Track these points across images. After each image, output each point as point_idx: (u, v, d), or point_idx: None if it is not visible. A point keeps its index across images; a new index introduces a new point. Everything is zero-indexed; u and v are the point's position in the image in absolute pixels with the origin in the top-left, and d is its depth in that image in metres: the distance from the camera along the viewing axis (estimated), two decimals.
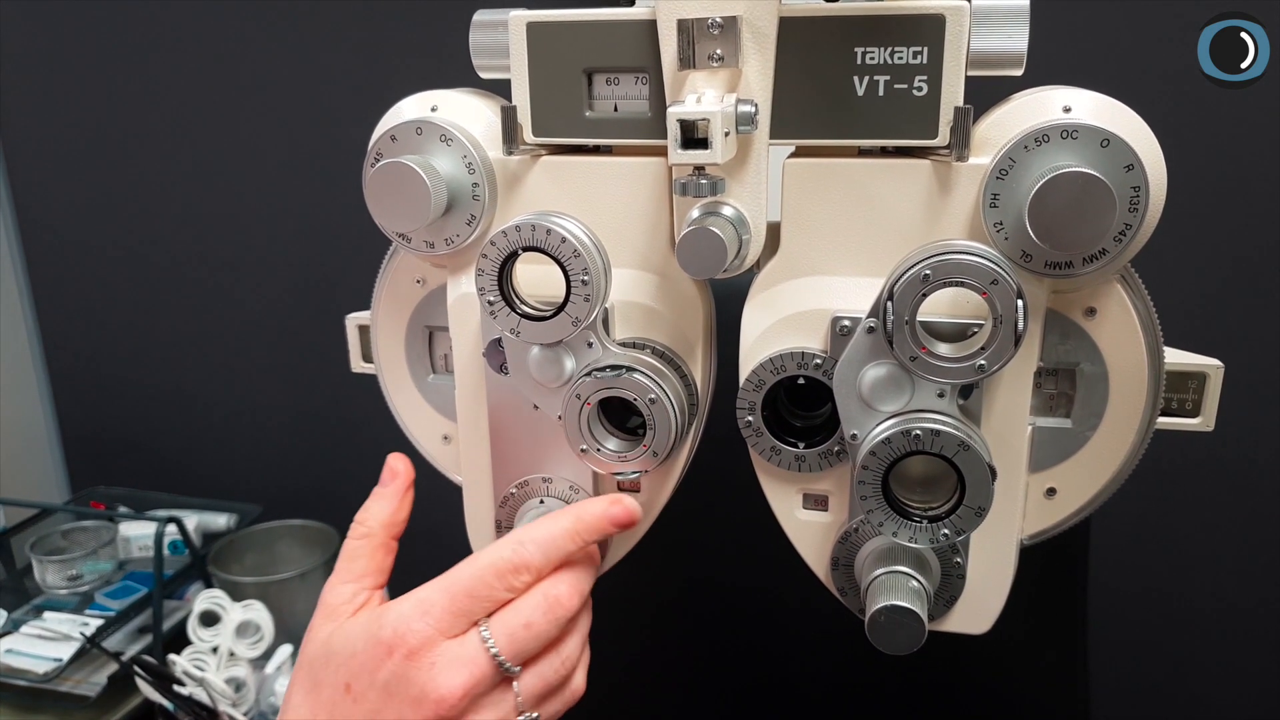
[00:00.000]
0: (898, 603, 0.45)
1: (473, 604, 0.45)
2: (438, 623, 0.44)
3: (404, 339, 0.57)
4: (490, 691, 0.44)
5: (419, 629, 0.44)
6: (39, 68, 1.46)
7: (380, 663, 0.44)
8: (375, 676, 0.44)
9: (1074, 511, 0.50)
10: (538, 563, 0.46)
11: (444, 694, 0.43)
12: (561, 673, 0.47)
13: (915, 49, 0.44)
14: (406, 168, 0.46)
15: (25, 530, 1.40)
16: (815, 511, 0.52)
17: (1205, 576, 1.20)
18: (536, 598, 0.45)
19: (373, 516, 0.51)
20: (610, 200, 0.49)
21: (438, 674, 0.43)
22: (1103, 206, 0.40)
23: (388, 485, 0.52)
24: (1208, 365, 0.49)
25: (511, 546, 0.46)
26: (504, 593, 0.45)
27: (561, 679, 0.47)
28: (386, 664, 0.44)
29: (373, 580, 0.49)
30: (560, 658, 0.47)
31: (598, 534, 0.48)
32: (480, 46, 0.49)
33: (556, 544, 0.47)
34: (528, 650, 0.45)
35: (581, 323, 0.46)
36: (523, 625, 0.45)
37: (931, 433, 0.44)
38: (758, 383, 0.49)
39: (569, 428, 0.49)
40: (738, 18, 0.43)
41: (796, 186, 0.47)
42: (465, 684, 0.43)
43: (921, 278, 0.42)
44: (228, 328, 1.49)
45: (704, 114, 0.41)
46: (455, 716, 0.43)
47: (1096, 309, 0.47)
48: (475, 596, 0.45)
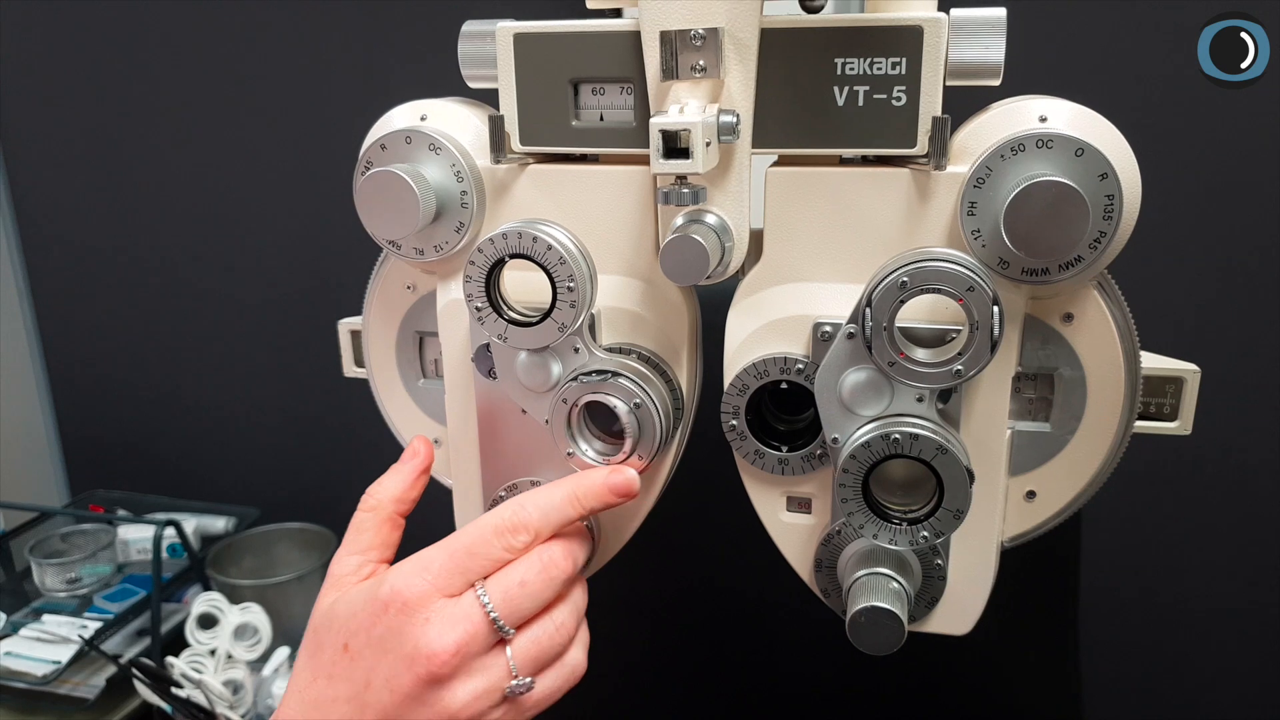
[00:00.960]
0: (877, 604, 0.46)
1: (471, 561, 0.45)
2: (435, 579, 0.44)
3: (395, 344, 0.58)
4: (484, 653, 0.44)
5: (416, 584, 0.44)
6: (39, 75, 1.47)
7: (377, 619, 0.44)
8: (371, 633, 0.44)
9: (1054, 514, 0.51)
10: (536, 524, 0.46)
11: (436, 649, 0.43)
12: (556, 639, 0.47)
13: (894, 60, 0.44)
14: (396, 176, 0.47)
15: (24, 533, 1.40)
16: (799, 514, 0.52)
17: (1196, 578, 1.21)
18: (531, 559, 0.46)
19: (384, 490, 0.51)
20: (596, 208, 0.50)
21: (431, 630, 0.43)
22: (1077, 214, 0.41)
23: (405, 463, 0.53)
24: (1185, 370, 0.50)
25: (512, 508, 0.47)
26: (502, 552, 0.45)
27: (556, 646, 0.47)
28: (382, 619, 0.44)
29: (379, 553, 0.50)
30: (554, 624, 0.47)
31: (597, 501, 0.48)
32: (469, 57, 0.50)
33: (556, 508, 0.47)
34: (522, 609, 0.45)
35: (567, 328, 0.47)
36: (517, 583, 0.45)
37: (910, 436, 0.45)
38: (742, 387, 0.49)
39: (556, 432, 0.50)
40: (720, 29, 0.44)
41: (778, 195, 0.48)
42: (458, 640, 0.43)
43: (899, 285, 0.43)
44: (226, 332, 1.50)
45: (685, 124, 0.42)
46: (447, 674, 0.43)
47: (1074, 315, 0.48)
48: (474, 554, 0.45)
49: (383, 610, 0.44)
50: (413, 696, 0.43)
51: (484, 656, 0.45)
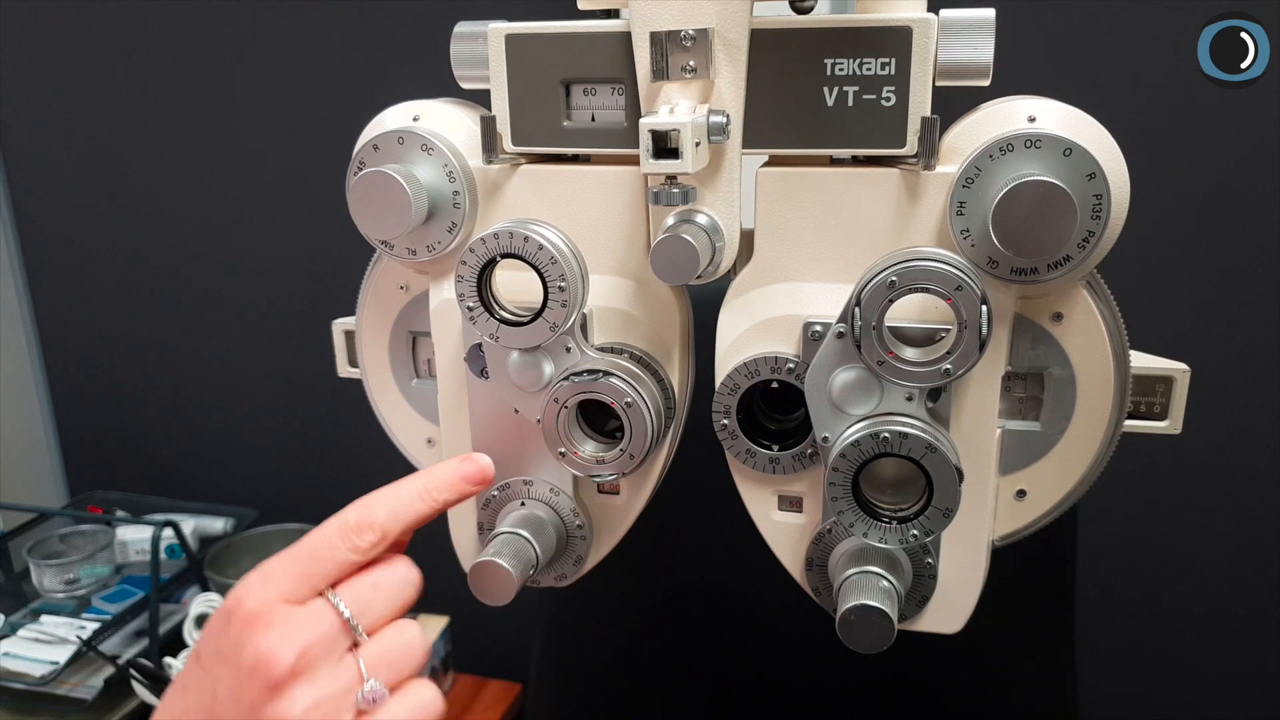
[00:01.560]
0: (867, 602, 0.46)
1: (315, 566, 0.43)
2: (278, 586, 0.42)
3: (388, 344, 0.58)
4: (331, 659, 0.42)
5: (257, 593, 0.42)
6: (38, 78, 1.47)
7: (221, 630, 0.42)
8: (218, 644, 0.42)
9: (1044, 513, 0.51)
10: (383, 522, 0.44)
11: (277, 656, 0.41)
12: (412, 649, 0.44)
13: (883, 60, 0.45)
14: (388, 176, 0.47)
15: (23, 534, 1.40)
16: (790, 513, 0.53)
17: (1191, 578, 1.21)
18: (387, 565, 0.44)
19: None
20: (588, 208, 0.51)
21: (272, 636, 0.41)
22: (1065, 214, 0.41)
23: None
24: (1174, 369, 0.50)
25: (357, 508, 0.44)
26: (348, 553, 0.43)
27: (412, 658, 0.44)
28: (227, 632, 0.42)
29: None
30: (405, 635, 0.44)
31: (451, 492, 0.47)
32: (461, 57, 0.50)
33: (404, 504, 0.45)
34: (375, 611, 0.43)
35: (559, 328, 0.47)
36: (370, 585, 0.44)
37: (899, 435, 0.45)
38: (733, 386, 0.50)
39: (547, 431, 0.50)
40: (709, 30, 0.44)
41: (769, 195, 0.48)
42: (302, 645, 0.41)
43: (888, 284, 0.43)
44: (225, 333, 1.50)
45: (674, 124, 0.42)
46: (288, 681, 0.41)
47: (1064, 314, 0.48)
48: (318, 558, 0.43)
49: (226, 622, 0.42)
50: (256, 705, 0.41)
51: (332, 662, 0.42)
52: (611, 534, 0.55)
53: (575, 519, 0.54)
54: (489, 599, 0.50)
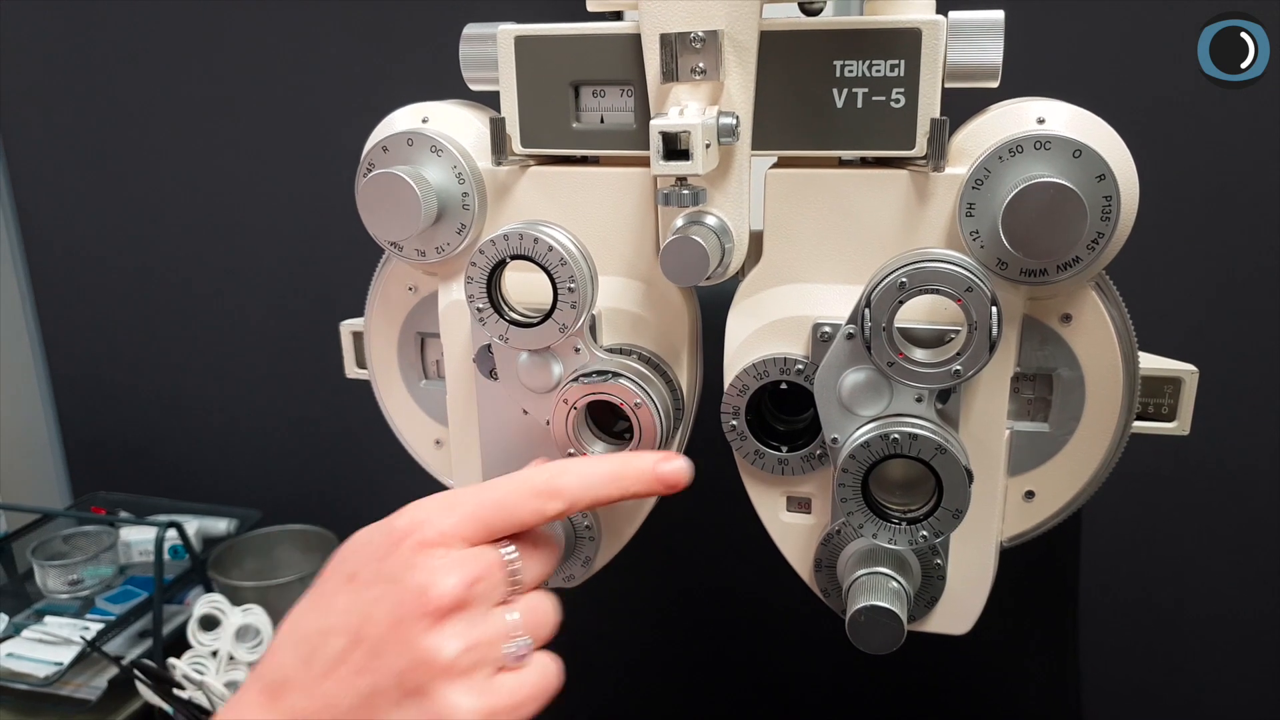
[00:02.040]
0: (877, 603, 0.46)
1: (497, 515, 0.42)
2: (459, 523, 0.41)
3: (396, 345, 0.58)
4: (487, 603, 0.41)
5: (438, 521, 0.41)
6: (41, 79, 1.47)
7: (389, 551, 0.41)
8: (382, 565, 0.41)
9: (1053, 514, 0.51)
10: (572, 493, 0.43)
11: (447, 586, 0.40)
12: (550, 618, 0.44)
13: (892, 62, 0.45)
14: (397, 178, 0.47)
15: (26, 535, 1.41)
16: (799, 514, 0.53)
17: (1195, 580, 1.21)
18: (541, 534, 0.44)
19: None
20: (597, 209, 0.51)
21: (448, 565, 0.40)
22: (1074, 215, 0.41)
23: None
24: (1183, 370, 0.50)
25: (550, 471, 0.44)
26: (531, 515, 0.43)
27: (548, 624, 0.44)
28: (396, 551, 0.41)
29: None
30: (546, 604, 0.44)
31: (642, 487, 0.45)
32: (470, 59, 0.50)
33: (595, 482, 0.44)
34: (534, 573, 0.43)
35: (568, 329, 0.47)
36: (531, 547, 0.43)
37: (909, 436, 0.45)
38: (741, 388, 0.50)
39: (556, 432, 0.50)
40: (719, 32, 0.44)
41: (778, 196, 0.48)
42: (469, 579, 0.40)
43: (898, 285, 0.43)
44: (228, 334, 1.50)
45: (685, 126, 0.42)
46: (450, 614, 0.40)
47: (1072, 315, 0.48)
48: (502, 508, 0.42)
49: (398, 541, 0.41)
50: (413, 633, 0.39)
51: (487, 608, 0.41)
52: (620, 535, 0.55)
53: (583, 520, 0.54)
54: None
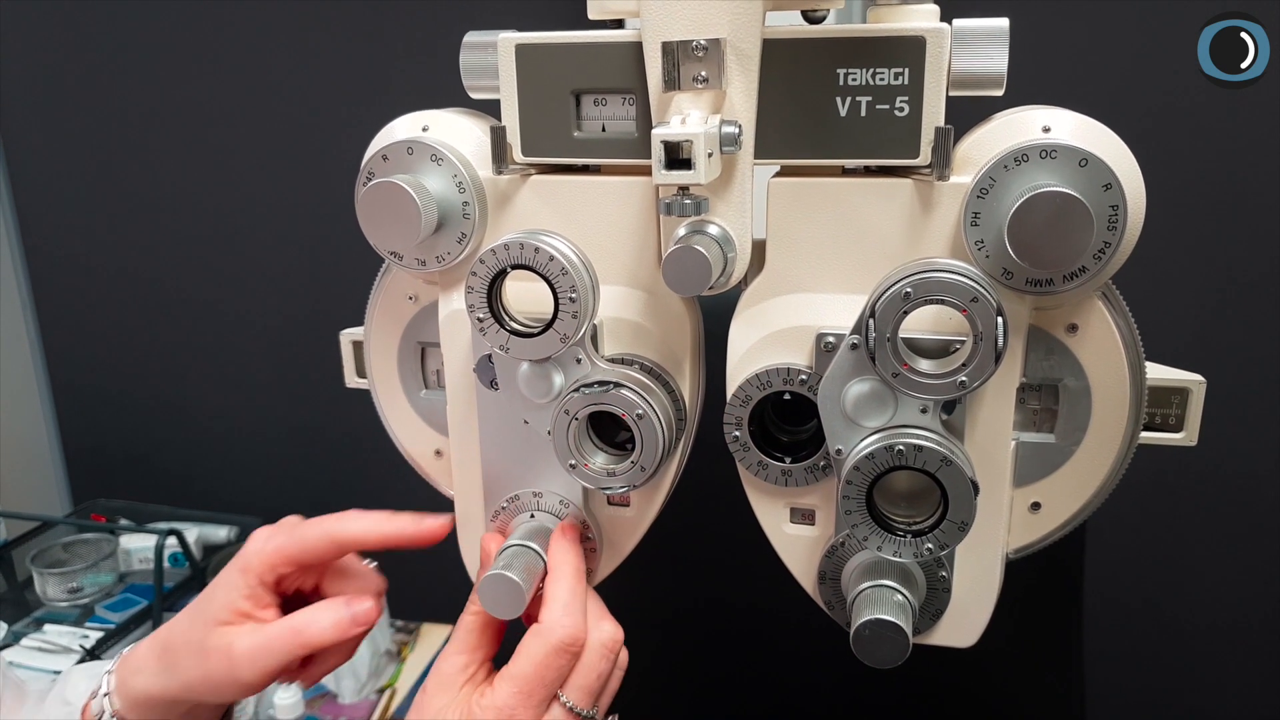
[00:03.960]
0: (882, 616, 0.46)
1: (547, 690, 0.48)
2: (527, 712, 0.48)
3: (396, 355, 0.57)
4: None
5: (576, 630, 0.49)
6: (42, 84, 1.47)
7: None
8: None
9: (1059, 525, 0.51)
10: (584, 626, 0.50)
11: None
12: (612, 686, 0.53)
13: (896, 70, 0.44)
14: (397, 187, 0.47)
15: (26, 543, 1.40)
16: (802, 526, 0.52)
17: (1201, 590, 1.20)
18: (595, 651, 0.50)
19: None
20: (598, 219, 0.50)
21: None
22: (1081, 225, 0.41)
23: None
24: (1190, 381, 0.50)
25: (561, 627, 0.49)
26: (568, 667, 0.49)
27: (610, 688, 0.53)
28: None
29: (484, 653, 0.52)
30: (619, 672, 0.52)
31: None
32: (470, 67, 0.50)
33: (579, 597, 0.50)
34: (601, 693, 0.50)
35: (569, 339, 0.47)
36: (596, 678, 0.49)
37: (914, 448, 0.44)
38: (744, 398, 0.49)
39: (558, 443, 0.49)
40: (722, 40, 0.44)
41: (781, 205, 0.48)
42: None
43: (902, 295, 0.43)
44: (228, 342, 1.50)
45: (687, 135, 0.42)
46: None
47: (1078, 325, 0.47)
48: (547, 682, 0.48)
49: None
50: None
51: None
52: (621, 546, 0.55)
53: (585, 531, 0.54)
54: (499, 612, 0.50)
